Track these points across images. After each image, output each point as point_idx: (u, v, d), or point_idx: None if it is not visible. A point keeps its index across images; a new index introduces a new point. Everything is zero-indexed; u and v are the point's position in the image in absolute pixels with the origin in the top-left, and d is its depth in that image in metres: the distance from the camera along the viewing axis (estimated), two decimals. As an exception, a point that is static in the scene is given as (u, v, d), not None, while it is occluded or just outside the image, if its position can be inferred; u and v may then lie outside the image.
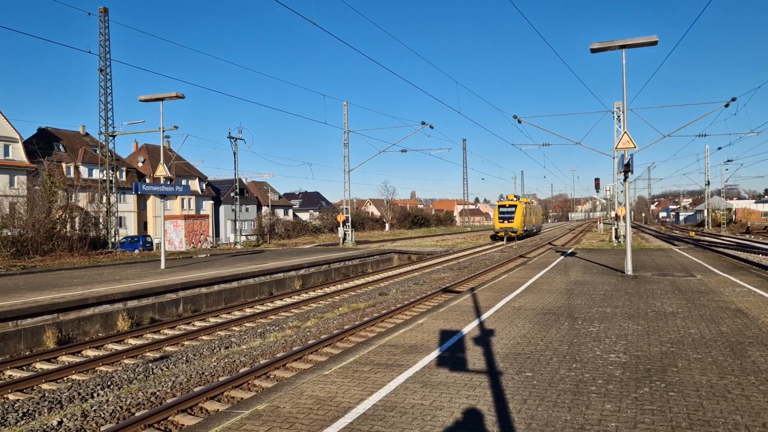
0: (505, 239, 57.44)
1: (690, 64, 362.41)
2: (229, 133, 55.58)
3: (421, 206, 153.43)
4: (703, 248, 36.04)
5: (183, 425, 7.80)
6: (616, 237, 41.20)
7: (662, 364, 7.72)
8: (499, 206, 59.98)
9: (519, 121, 32.25)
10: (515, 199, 61.27)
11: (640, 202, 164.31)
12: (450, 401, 6.30)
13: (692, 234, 65.89)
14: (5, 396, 9.29)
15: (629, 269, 19.09)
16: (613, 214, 49.42)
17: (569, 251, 32.72)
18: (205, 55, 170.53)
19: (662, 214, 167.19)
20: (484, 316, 11.53)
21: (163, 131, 26.90)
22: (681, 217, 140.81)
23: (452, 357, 8.29)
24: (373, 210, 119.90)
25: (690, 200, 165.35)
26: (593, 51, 18.09)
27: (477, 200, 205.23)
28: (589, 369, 7.51)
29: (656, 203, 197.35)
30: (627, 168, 18.53)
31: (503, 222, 57.98)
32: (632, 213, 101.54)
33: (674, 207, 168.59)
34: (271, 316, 16.44)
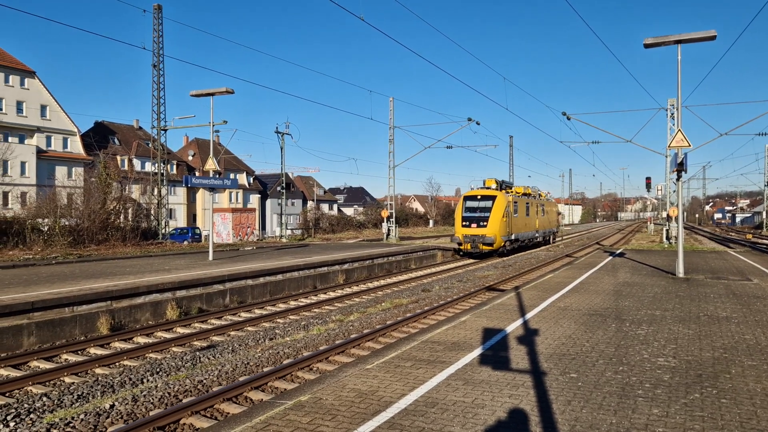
0: (479, 254, 34.23)
1: (750, 60, 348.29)
2: (277, 128, 56.37)
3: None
4: (760, 251, 34.64)
5: (228, 413, 7.97)
6: (668, 238, 40.03)
7: (714, 370, 7.47)
8: (465, 199, 34.98)
9: (568, 118, 31.69)
10: (496, 187, 36.83)
11: (693, 203, 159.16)
12: (492, 400, 6.25)
13: (749, 236, 63.39)
14: (62, 379, 9.68)
15: (681, 271, 18.52)
16: (664, 214, 48.00)
17: (618, 251, 31.96)
18: (254, 50, 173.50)
19: (717, 216, 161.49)
20: (528, 316, 11.39)
21: (213, 126, 27.49)
22: (737, 219, 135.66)
23: (495, 355, 8.22)
24: (417, 206, 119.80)
25: (747, 201, 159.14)
26: (647, 46, 17.58)
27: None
28: (636, 372, 7.34)
29: (711, 204, 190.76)
30: (680, 167, 17.96)
31: (470, 226, 33.53)
32: (685, 214, 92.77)
33: (730, 208, 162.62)
34: (315, 309, 16.62)
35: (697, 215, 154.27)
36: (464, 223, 33.78)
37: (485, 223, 33.10)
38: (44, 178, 54.83)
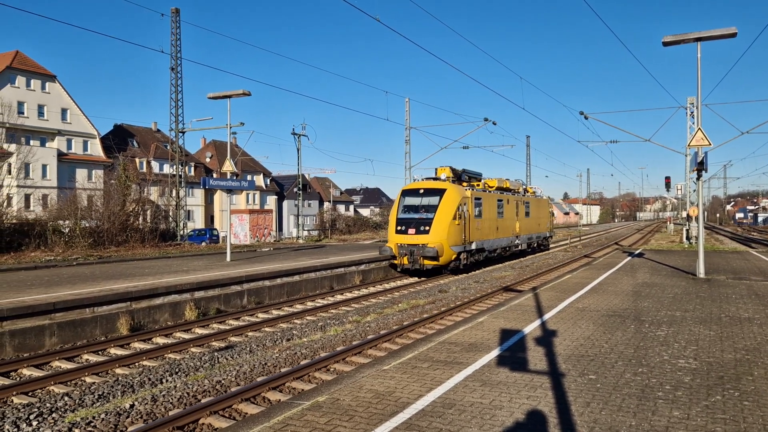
0: (421, 272, 24.73)
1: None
2: (293, 129, 56.59)
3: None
4: (783, 251, 34.06)
5: (246, 413, 8.02)
6: (688, 238, 39.53)
7: (736, 371, 7.36)
8: (404, 194, 25.95)
9: (585, 118, 31.45)
10: (449, 178, 27.23)
11: (714, 202, 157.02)
12: (510, 401, 6.22)
13: (771, 236, 62.34)
14: (83, 379, 9.81)
15: (701, 272, 18.28)
16: (684, 214, 47.39)
17: (637, 252, 31.63)
18: (270, 52, 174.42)
19: (739, 215, 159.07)
20: (546, 317, 11.32)
21: (230, 128, 27.68)
22: (759, 219, 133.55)
23: (513, 356, 8.18)
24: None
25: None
26: (666, 44, 17.38)
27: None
28: (656, 374, 7.25)
29: (732, 204, 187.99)
30: (700, 166, 17.73)
31: (406, 231, 24.42)
32: (705, 213, 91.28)
33: (752, 208, 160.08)
34: (332, 310, 16.66)
35: (717, 215, 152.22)
36: (399, 227, 24.02)
37: (427, 228, 23.34)
38: (65, 180, 55.59)
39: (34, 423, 7.68)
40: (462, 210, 24.76)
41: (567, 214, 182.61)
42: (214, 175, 74.33)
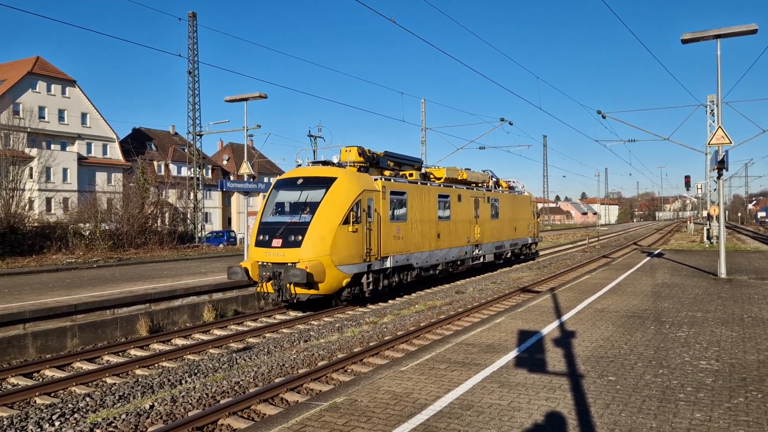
0: (293, 302, 15.89)
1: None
2: (309, 131, 56.83)
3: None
4: (806, 251, 33.49)
5: (265, 414, 8.06)
6: (708, 238, 39.01)
7: (759, 373, 7.25)
8: (278, 187, 17.59)
9: (603, 117, 31.19)
10: (352, 164, 18.32)
11: (735, 201, 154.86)
12: (528, 403, 6.18)
13: (794, 235, 61.34)
14: (104, 379, 9.93)
15: (723, 272, 18.02)
16: (704, 213, 46.81)
17: (656, 252, 31.28)
18: (287, 55, 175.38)
19: (761, 214, 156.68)
20: (564, 317, 11.23)
21: (247, 130, 27.85)
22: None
23: (531, 358, 8.13)
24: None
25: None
26: (684, 42, 17.18)
27: (558, 198, 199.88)
28: (677, 375, 7.17)
29: (754, 202, 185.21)
30: (721, 165, 17.50)
31: (269, 243, 15.79)
32: (726, 212, 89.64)
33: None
34: (349, 312, 16.68)
35: (739, 214, 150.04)
36: (260, 237, 16.08)
37: (299, 238, 15.44)
38: (85, 183, 56.36)
39: (57, 423, 7.78)
40: (363, 209, 16.34)
41: (585, 214, 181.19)
42: (231, 178, 74.85)
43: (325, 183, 16.37)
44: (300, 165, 18.79)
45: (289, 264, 15.16)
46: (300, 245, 15.31)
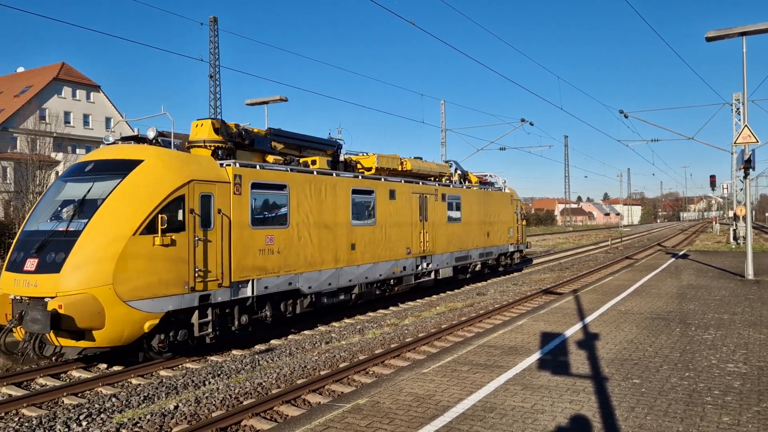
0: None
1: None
2: (329, 134, 57.06)
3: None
4: (837, 251, 32.78)
5: (287, 415, 8.11)
6: (735, 238, 38.35)
7: (789, 376, 7.11)
8: (63, 177, 11.94)
9: (626, 116, 30.89)
10: (210, 145, 12.84)
11: (762, 201, 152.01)
12: (552, 405, 6.14)
13: (824, 236, 60.00)
14: (129, 380, 10.06)
15: (750, 273, 17.71)
16: (730, 213, 46.04)
17: (681, 253, 30.85)
18: (306, 58, 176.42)
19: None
20: (588, 319, 11.13)
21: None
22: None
23: (554, 360, 8.07)
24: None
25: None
26: (709, 40, 16.94)
27: (579, 199, 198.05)
28: (704, 378, 7.06)
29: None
30: (747, 164, 17.21)
31: (23, 264, 9.93)
32: (753, 212, 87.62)
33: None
34: (370, 313, 16.70)
35: (766, 214, 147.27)
36: (15, 255, 10.44)
37: (61, 256, 9.73)
38: (110, 187, 57.20)
39: (84, 423, 7.91)
40: (188, 209, 10.90)
41: (607, 214, 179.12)
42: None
43: (122, 169, 10.62)
44: (106, 142, 12.64)
45: (41, 299, 9.59)
46: (59, 269, 9.57)
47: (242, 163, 12.47)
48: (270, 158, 14.03)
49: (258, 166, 12.82)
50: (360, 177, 15.99)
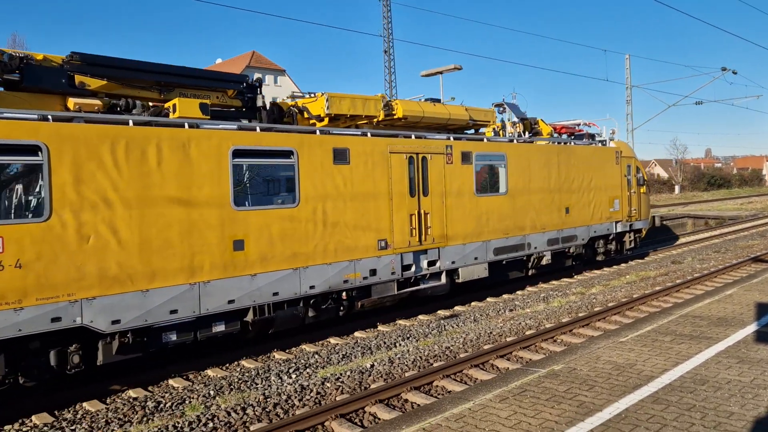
0: None
1: None
2: (503, 99, 55.85)
3: (719, 165, 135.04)
4: None
5: (477, 378, 8.23)
6: None
7: None
8: None
9: None
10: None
11: None
12: (777, 381, 5.52)
13: None
14: (328, 340, 10.90)
15: None
16: None
17: None
18: (481, 23, 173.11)
19: None
20: (813, 290, 9.79)
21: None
22: None
23: (775, 333, 7.23)
24: (659, 171, 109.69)
25: None
26: None
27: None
28: None
29: None
30: None
31: None
32: None
33: None
34: (554, 282, 16.25)
35: None
36: None
37: None
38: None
39: (293, 376, 8.74)
40: None
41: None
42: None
43: None
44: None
45: None
46: None
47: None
48: (72, 102, 8.82)
49: None
50: (258, 130, 9.81)
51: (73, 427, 7.00)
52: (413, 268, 11.93)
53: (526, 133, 16.21)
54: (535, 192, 14.84)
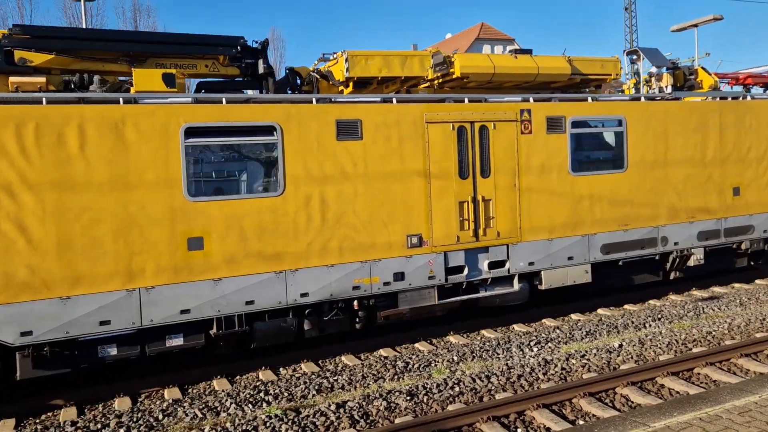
0: None
1: None
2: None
3: None
4: None
5: (748, 370, 7.31)
6: None
7: None
8: None
9: None
10: None
11: None
12: None
13: None
14: (570, 315, 10.53)
15: None
16: None
17: None
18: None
19: None
20: None
21: (697, 60, 25.12)
22: None
23: None
24: None
25: None
26: None
27: None
28: None
29: None
30: None
31: None
32: None
33: None
34: None
35: None
36: None
37: None
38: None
39: (535, 349, 8.64)
40: None
41: None
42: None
43: None
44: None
45: None
46: None
47: None
48: (12, 81, 7.61)
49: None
50: (225, 102, 8.04)
51: (335, 378, 7.79)
52: (465, 271, 9.33)
53: (676, 87, 12.17)
54: (676, 166, 10.97)
